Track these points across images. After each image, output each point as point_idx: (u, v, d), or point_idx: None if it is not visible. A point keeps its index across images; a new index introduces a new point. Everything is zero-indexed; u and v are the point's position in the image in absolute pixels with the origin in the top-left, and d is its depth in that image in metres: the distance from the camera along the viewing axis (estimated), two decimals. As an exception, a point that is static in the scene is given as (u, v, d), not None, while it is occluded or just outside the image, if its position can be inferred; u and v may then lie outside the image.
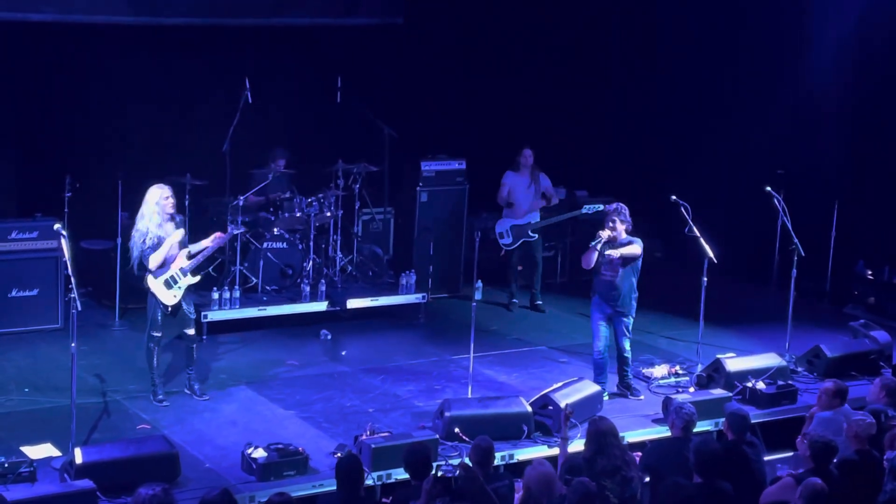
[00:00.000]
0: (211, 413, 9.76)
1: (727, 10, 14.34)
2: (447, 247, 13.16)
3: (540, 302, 13.02)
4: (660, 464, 8.09)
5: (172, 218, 9.78)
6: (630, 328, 10.41)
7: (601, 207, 11.67)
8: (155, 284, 9.74)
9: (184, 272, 9.78)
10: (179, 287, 9.76)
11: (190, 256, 9.84)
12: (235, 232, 10.34)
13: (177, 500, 6.76)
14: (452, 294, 13.25)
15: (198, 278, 9.95)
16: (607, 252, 10.13)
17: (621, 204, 10.33)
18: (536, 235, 12.87)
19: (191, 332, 9.96)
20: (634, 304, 10.39)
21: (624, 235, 10.22)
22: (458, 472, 7.22)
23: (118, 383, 10.19)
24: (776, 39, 14.08)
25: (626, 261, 10.15)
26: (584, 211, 12.30)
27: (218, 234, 10.03)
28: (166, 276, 9.71)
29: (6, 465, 8.20)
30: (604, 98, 15.27)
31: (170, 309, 9.80)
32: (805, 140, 13.89)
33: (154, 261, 9.64)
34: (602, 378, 10.33)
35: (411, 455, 7.64)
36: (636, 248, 10.17)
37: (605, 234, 10.13)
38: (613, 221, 10.15)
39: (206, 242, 9.92)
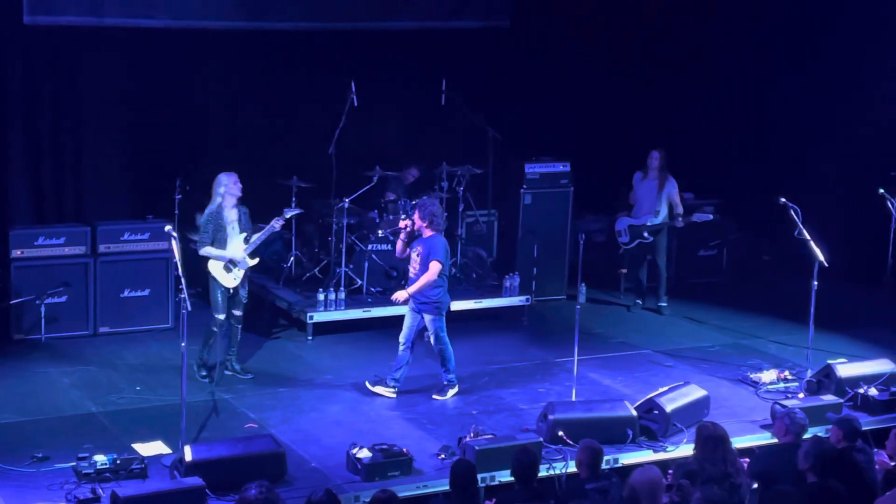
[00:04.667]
0: (317, 413, 9.86)
1: (837, 4, 14.03)
2: (551, 249, 13.09)
3: (664, 304, 12.86)
4: (768, 470, 7.95)
5: (238, 204, 10.16)
6: (432, 326, 10.14)
7: (711, 217, 11.56)
8: (215, 268, 10.12)
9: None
10: (240, 270, 10.12)
11: (247, 240, 10.15)
12: (289, 214, 10.59)
13: (282, 498, 6.82)
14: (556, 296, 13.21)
15: (256, 261, 10.31)
16: (411, 252, 10.16)
17: (426, 198, 10.46)
18: (652, 238, 12.64)
19: (238, 313, 10.33)
20: (432, 304, 10.13)
21: (428, 232, 10.06)
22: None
23: (226, 382, 10.34)
24: (890, 34, 13.75)
25: (424, 262, 10.00)
26: (694, 219, 12.23)
27: (276, 218, 10.33)
28: (225, 260, 10.14)
29: (118, 462, 8.38)
30: (712, 99, 15.05)
31: (231, 291, 10.16)
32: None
33: (205, 252, 10.09)
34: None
35: (519, 460, 7.60)
36: (430, 275, 9.96)
37: (403, 223, 10.24)
38: (413, 216, 10.18)
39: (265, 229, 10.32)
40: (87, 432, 9.20)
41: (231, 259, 10.16)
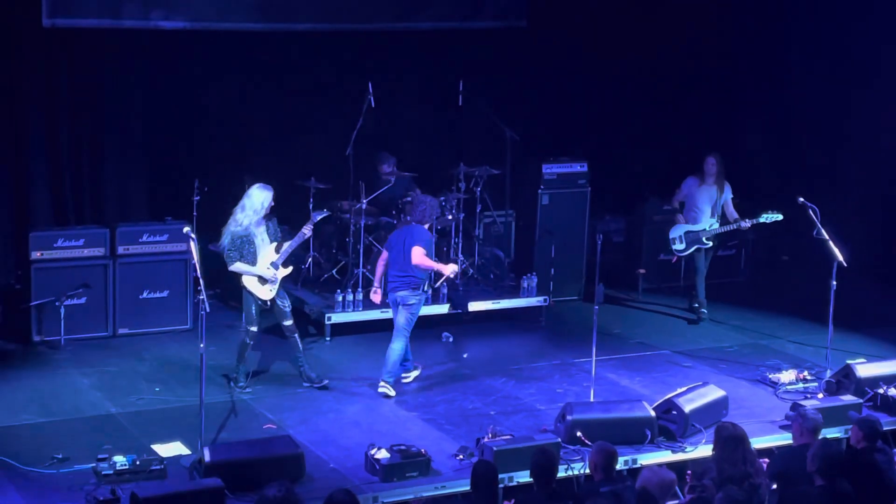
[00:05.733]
0: (335, 414, 9.88)
1: (859, 3, 13.98)
2: (569, 249, 13.09)
3: (698, 306, 12.59)
4: (787, 471, 7.93)
5: (267, 219, 10.08)
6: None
7: (780, 217, 11.50)
8: (250, 282, 10.03)
9: (275, 266, 10.03)
10: (273, 282, 10.00)
11: (278, 250, 10.06)
12: (319, 217, 10.57)
13: (302, 499, 6.84)
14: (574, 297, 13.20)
15: (289, 270, 10.20)
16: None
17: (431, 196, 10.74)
18: (711, 243, 12.39)
19: (289, 322, 10.23)
20: None
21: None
22: None
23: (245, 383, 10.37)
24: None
25: None
26: (761, 220, 11.98)
27: (305, 224, 10.24)
28: (257, 275, 10.03)
29: (138, 463, 8.42)
30: (730, 98, 15.00)
31: (268, 304, 10.09)
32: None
33: (237, 269, 9.98)
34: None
35: (537, 461, 7.60)
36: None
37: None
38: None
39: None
40: (106, 433, 9.24)
41: (262, 273, 10.03)
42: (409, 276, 10.23)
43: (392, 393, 10.23)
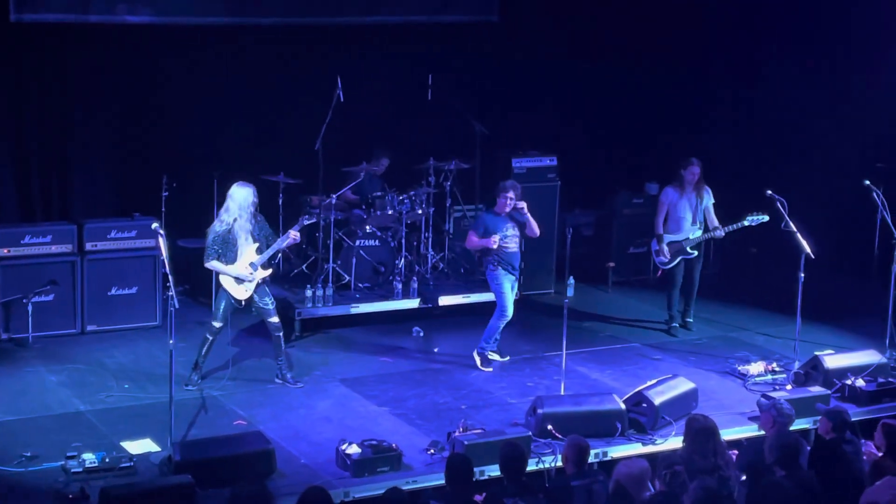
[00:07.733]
0: (306, 409, 9.86)
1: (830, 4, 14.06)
2: (539, 243, 13.06)
3: (690, 320, 12.25)
4: (757, 462, 7.97)
5: (255, 218, 10.00)
6: None
7: (766, 218, 11.41)
8: (226, 279, 10.00)
9: (253, 266, 9.97)
10: (250, 281, 9.94)
11: (261, 250, 9.99)
12: (307, 222, 10.52)
13: (273, 495, 6.82)
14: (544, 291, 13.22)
15: (269, 271, 10.14)
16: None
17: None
18: (696, 252, 11.99)
19: (273, 319, 10.15)
20: None
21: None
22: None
23: (215, 379, 10.33)
24: (877, 30, 13.77)
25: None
26: (745, 222, 11.56)
27: (291, 231, 10.16)
28: (233, 275, 9.97)
29: (107, 460, 8.39)
30: (698, 91, 15.04)
31: (242, 303, 10.04)
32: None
33: (213, 267, 9.95)
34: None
35: (506, 455, 7.61)
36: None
37: (522, 204, 10.81)
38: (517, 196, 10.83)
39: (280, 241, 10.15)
40: (75, 431, 9.19)
41: (238, 273, 9.97)
42: (480, 258, 11.10)
43: (483, 362, 10.89)
